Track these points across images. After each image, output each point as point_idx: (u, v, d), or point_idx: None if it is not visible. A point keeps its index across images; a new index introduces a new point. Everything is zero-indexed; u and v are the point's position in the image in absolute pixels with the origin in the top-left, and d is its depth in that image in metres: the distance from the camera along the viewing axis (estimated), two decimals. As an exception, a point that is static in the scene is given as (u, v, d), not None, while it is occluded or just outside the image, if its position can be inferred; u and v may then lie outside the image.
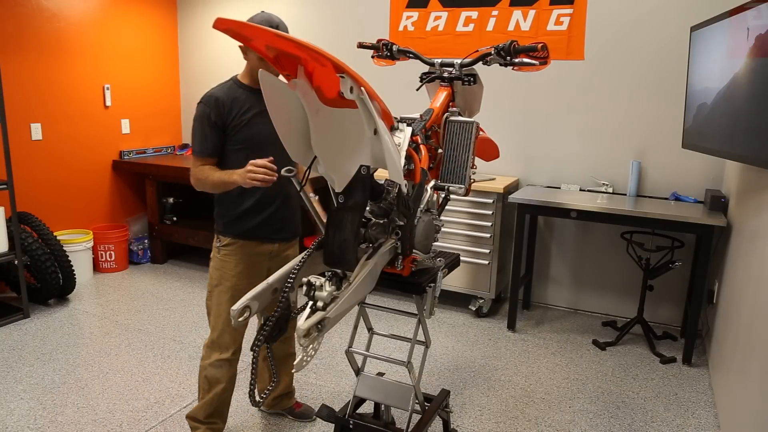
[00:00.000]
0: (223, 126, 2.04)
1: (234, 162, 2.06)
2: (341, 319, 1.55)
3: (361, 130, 1.43)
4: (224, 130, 2.05)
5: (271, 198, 2.15)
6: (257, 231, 2.16)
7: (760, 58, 2.20)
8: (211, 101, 2.02)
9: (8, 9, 3.82)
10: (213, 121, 2.02)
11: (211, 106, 2.02)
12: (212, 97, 2.03)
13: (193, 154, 2.09)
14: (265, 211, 2.15)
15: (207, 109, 2.02)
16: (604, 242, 3.76)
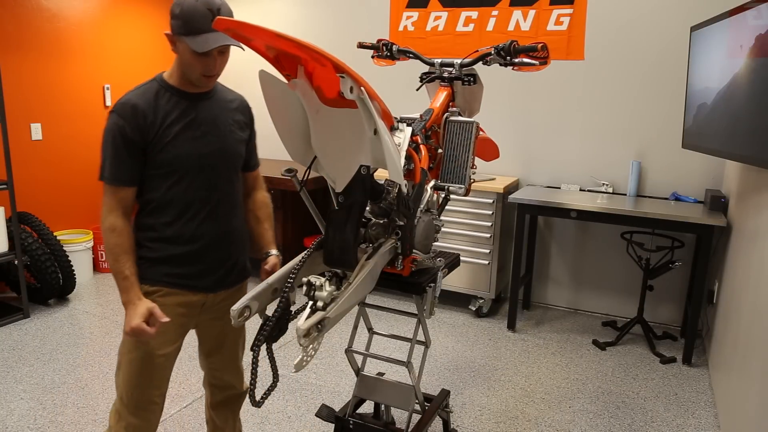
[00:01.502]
0: (143, 144, 1.53)
1: (152, 192, 1.58)
2: (341, 319, 1.55)
3: (361, 130, 1.43)
4: (144, 149, 1.54)
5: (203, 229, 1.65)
6: (190, 277, 1.65)
7: (760, 58, 2.20)
8: (126, 110, 1.51)
9: (8, 9, 3.82)
10: (129, 137, 1.51)
11: (127, 116, 1.51)
12: (127, 105, 1.51)
13: (102, 181, 1.54)
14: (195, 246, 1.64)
15: (121, 121, 1.51)
16: (604, 242, 3.76)
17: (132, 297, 1.53)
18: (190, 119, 1.58)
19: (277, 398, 2.71)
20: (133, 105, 1.53)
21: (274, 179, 3.87)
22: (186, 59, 1.52)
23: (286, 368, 2.93)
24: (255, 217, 1.93)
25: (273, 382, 1.49)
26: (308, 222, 4.21)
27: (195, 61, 1.51)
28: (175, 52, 1.54)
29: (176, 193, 1.59)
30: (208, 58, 1.49)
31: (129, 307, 1.53)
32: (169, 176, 1.57)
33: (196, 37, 1.46)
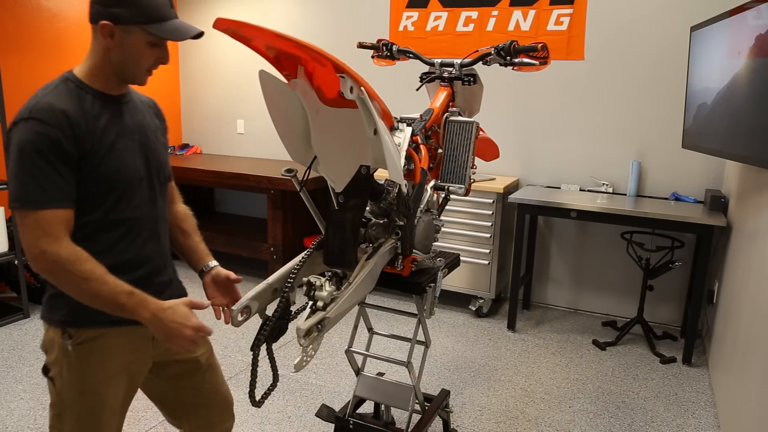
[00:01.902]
0: (77, 157, 1.26)
1: (87, 214, 1.31)
2: (341, 319, 1.55)
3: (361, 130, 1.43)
4: (78, 163, 1.27)
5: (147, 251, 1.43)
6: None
7: (760, 58, 2.20)
8: (53, 116, 1.22)
9: (8, 9, 3.82)
10: (65, 149, 1.23)
11: (56, 124, 1.22)
12: (53, 110, 1.23)
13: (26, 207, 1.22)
14: (140, 271, 1.41)
15: (48, 129, 1.21)
16: (604, 242, 3.76)
17: (155, 304, 1.29)
18: (120, 126, 1.35)
19: (277, 398, 2.71)
20: (61, 110, 1.23)
21: (274, 179, 3.87)
22: (136, 51, 1.29)
23: (286, 368, 2.93)
24: (181, 231, 1.63)
25: (273, 382, 1.49)
26: (308, 222, 4.22)
27: (148, 53, 1.30)
28: (109, 45, 1.28)
29: (118, 212, 1.35)
30: (161, 48, 1.32)
31: (163, 314, 1.28)
32: (109, 194, 1.32)
33: (162, 25, 1.28)
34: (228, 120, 4.96)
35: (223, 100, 4.94)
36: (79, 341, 1.35)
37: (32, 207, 1.22)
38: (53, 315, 1.36)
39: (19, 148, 1.22)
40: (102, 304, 1.26)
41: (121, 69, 1.32)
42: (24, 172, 1.21)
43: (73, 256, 1.24)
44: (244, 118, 4.87)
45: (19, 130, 1.23)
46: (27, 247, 1.23)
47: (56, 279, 1.25)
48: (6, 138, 1.27)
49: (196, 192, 4.94)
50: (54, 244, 1.23)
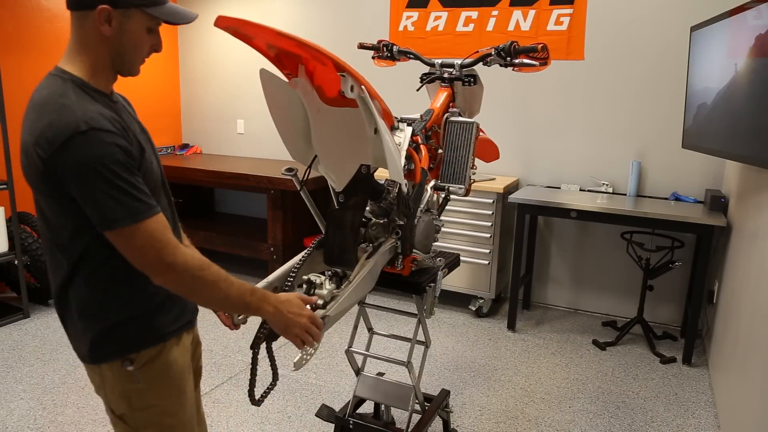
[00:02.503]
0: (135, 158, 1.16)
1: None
2: (341, 317, 1.55)
3: (361, 130, 1.43)
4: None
5: None
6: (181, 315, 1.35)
7: (760, 58, 2.20)
8: (111, 123, 1.11)
9: (8, 9, 3.82)
10: (133, 155, 1.15)
11: (119, 130, 1.12)
12: (106, 117, 1.11)
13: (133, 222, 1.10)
14: None
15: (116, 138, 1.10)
16: (604, 242, 3.76)
17: (274, 297, 1.27)
18: (134, 124, 1.26)
19: (277, 398, 2.71)
20: (110, 116, 1.13)
21: (274, 179, 3.87)
22: (136, 38, 1.18)
23: (286, 368, 2.93)
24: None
25: (272, 381, 1.49)
26: (308, 222, 4.22)
27: (146, 39, 1.20)
28: (107, 33, 1.15)
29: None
30: (155, 35, 1.22)
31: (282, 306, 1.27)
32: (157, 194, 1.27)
33: (161, 7, 1.18)
34: (228, 120, 4.96)
35: (223, 100, 4.94)
36: (143, 363, 1.26)
37: (140, 219, 1.10)
38: (106, 348, 1.24)
39: (92, 164, 1.06)
40: (230, 306, 1.22)
41: (119, 59, 1.19)
42: (113, 187, 1.08)
43: (197, 261, 1.16)
44: (244, 118, 4.87)
45: (79, 146, 1.06)
46: (149, 264, 1.13)
47: (187, 288, 1.16)
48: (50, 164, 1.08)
49: (196, 192, 4.94)
50: (177, 252, 1.13)
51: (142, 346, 1.26)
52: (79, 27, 1.15)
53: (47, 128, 1.07)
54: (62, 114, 1.08)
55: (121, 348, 1.24)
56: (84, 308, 1.23)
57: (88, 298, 1.22)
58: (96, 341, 1.23)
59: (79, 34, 1.16)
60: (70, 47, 1.18)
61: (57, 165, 1.07)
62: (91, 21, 1.14)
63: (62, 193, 1.11)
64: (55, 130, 1.06)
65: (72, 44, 1.17)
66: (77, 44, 1.17)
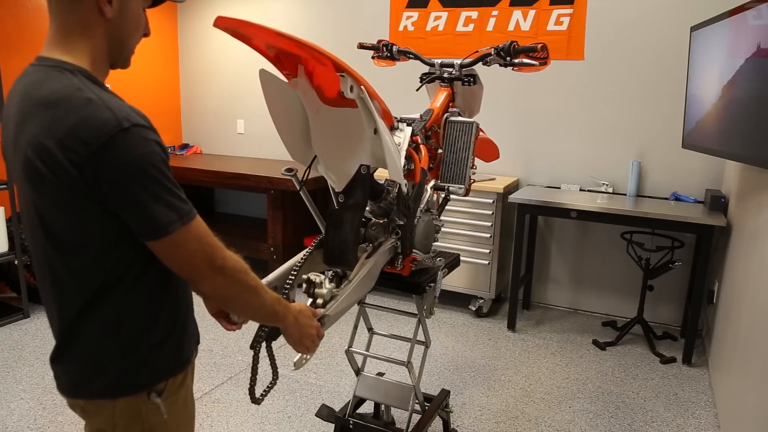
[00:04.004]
0: None
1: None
2: (341, 317, 1.55)
3: (361, 130, 1.43)
4: None
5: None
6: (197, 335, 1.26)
7: (760, 58, 2.20)
8: (146, 119, 1.00)
9: (8, 9, 3.82)
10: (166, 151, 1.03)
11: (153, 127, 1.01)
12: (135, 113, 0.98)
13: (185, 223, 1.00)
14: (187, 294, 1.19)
15: (155, 134, 1.00)
16: (604, 242, 3.76)
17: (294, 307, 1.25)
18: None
19: (277, 398, 2.71)
20: (134, 110, 1.00)
21: (274, 179, 3.87)
22: (137, 18, 1.07)
23: (286, 368, 2.93)
24: None
25: (273, 380, 1.49)
26: (308, 222, 4.21)
27: (141, 17, 1.08)
28: (108, 15, 1.01)
29: None
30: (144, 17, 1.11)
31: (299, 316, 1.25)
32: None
33: None
34: (228, 120, 4.96)
35: (223, 100, 4.94)
36: (170, 393, 1.14)
37: (188, 220, 1.00)
38: (131, 380, 1.09)
39: (142, 164, 0.95)
40: (262, 314, 1.15)
41: (117, 45, 1.06)
42: (162, 189, 0.97)
43: (241, 265, 1.08)
44: (244, 118, 4.87)
45: (124, 145, 0.93)
46: (199, 269, 1.02)
47: (232, 293, 1.08)
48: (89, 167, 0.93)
49: (196, 192, 4.94)
50: (225, 255, 1.05)
51: (174, 372, 1.14)
52: (72, 10, 0.99)
53: (78, 127, 0.92)
54: (94, 110, 0.93)
55: (151, 378, 1.11)
56: (106, 338, 1.07)
57: (114, 326, 1.06)
58: (120, 372, 1.08)
59: (73, 17, 1.00)
60: (61, 33, 1.01)
61: (96, 169, 0.93)
62: (90, 3, 0.99)
63: (92, 203, 0.96)
64: (91, 128, 0.92)
65: (63, 30, 1.01)
66: (70, 30, 1.00)
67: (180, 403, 1.17)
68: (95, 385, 1.10)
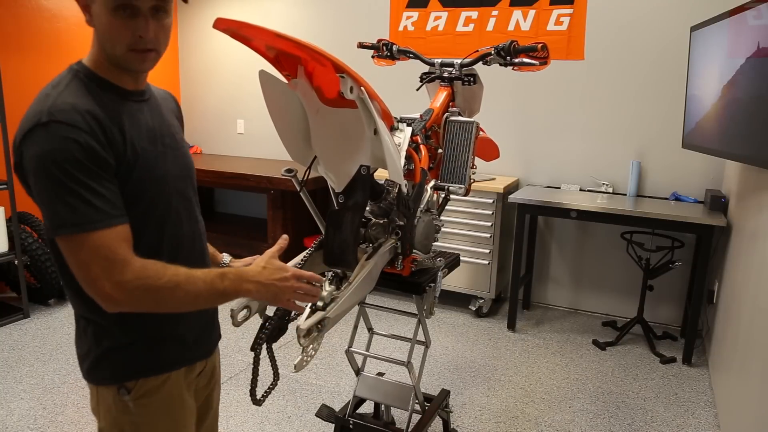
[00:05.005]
0: (114, 164, 1.04)
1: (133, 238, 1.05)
2: (341, 319, 1.55)
3: (361, 130, 1.43)
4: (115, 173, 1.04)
5: None
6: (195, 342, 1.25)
7: (760, 58, 2.20)
8: (81, 118, 0.99)
9: (8, 9, 3.81)
10: (101, 155, 1.00)
11: (88, 128, 0.99)
12: (78, 111, 1.00)
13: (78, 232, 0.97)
14: None
15: (79, 134, 0.98)
16: (604, 242, 3.76)
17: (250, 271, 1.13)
18: (146, 128, 1.12)
19: (277, 398, 2.71)
20: (87, 110, 1.00)
21: (274, 179, 3.87)
22: (105, 24, 1.03)
23: (286, 368, 2.93)
24: None
25: (273, 381, 1.49)
26: (308, 222, 4.22)
27: (119, 25, 1.02)
28: (89, 22, 1.05)
29: (159, 235, 1.14)
30: (135, 19, 1.03)
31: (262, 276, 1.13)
32: (149, 214, 1.11)
33: None
34: (228, 120, 4.96)
35: (223, 100, 4.94)
36: (141, 393, 1.14)
37: (88, 229, 0.96)
38: (102, 372, 1.13)
39: (45, 160, 0.96)
40: (206, 302, 1.08)
41: (105, 52, 1.07)
42: (62, 189, 0.96)
43: (151, 270, 1.02)
44: (244, 118, 4.87)
45: (37, 139, 0.97)
46: (92, 282, 0.98)
47: (146, 303, 1.03)
48: (17, 152, 1.02)
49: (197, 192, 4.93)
50: (127, 269, 0.99)
51: (143, 374, 1.14)
52: None
53: (24, 117, 1.03)
54: (38, 103, 1.02)
55: (120, 374, 1.13)
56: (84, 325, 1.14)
57: (87, 317, 1.12)
58: (96, 360, 1.13)
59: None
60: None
61: (22, 158, 1.01)
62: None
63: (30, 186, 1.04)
64: (25, 119, 1.01)
65: None
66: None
67: (158, 409, 1.16)
68: (82, 368, 1.18)
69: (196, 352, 1.25)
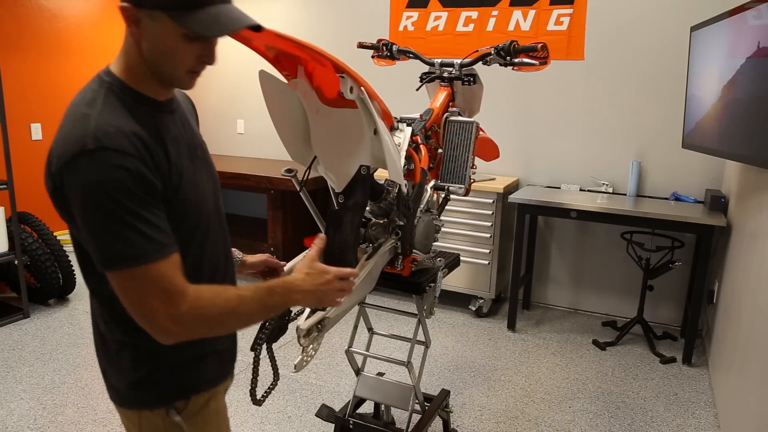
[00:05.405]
0: (162, 188, 0.98)
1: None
2: (341, 319, 1.55)
3: (361, 130, 1.43)
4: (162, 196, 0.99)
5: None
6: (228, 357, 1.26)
7: (760, 58, 2.20)
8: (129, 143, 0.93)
9: (8, 9, 3.81)
10: (150, 180, 0.95)
11: (136, 152, 0.94)
12: (125, 134, 0.94)
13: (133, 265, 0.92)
14: None
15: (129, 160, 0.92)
16: (604, 242, 3.76)
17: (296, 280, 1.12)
18: (181, 142, 1.06)
19: (277, 398, 2.71)
20: (132, 132, 0.94)
21: (274, 179, 3.87)
22: (167, 46, 0.96)
23: (286, 368, 2.93)
24: None
25: (273, 381, 1.49)
26: (308, 222, 4.22)
27: (185, 49, 0.97)
28: (136, 36, 0.97)
29: (200, 255, 1.10)
30: (203, 44, 0.99)
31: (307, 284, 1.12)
32: (192, 234, 1.07)
33: (197, 13, 0.93)
34: (228, 120, 4.96)
35: (223, 100, 4.94)
36: (192, 412, 1.11)
37: (144, 262, 0.92)
38: (146, 395, 1.09)
39: (95, 191, 0.90)
40: (256, 321, 1.07)
41: (153, 67, 0.99)
42: (115, 221, 0.90)
43: (204, 299, 0.98)
44: (244, 118, 4.87)
45: (84, 167, 0.90)
46: (148, 316, 0.94)
47: (201, 332, 1.00)
48: (56, 179, 0.93)
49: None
50: (184, 300, 0.95)
51: (194, 391, 1.11)
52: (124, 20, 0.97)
53: (60, 141, 0.93)
54: (77, 126, 0.93)
55: (170, 395, 1.09)
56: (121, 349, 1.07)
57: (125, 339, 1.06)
58: (137, 384, 1.08)
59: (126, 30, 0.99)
60: (124, 40, 1.01)
61: (64, 185, 0.92)
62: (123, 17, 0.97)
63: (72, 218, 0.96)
64: (65, 144, 0.92)
65: (125, 38, 1.01)
66: (125, 39, 1.00)
67: (207, 422, 1.14)
68: (116, 394, 1.12)
69: (231, 363, 1.24)
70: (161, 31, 0.95)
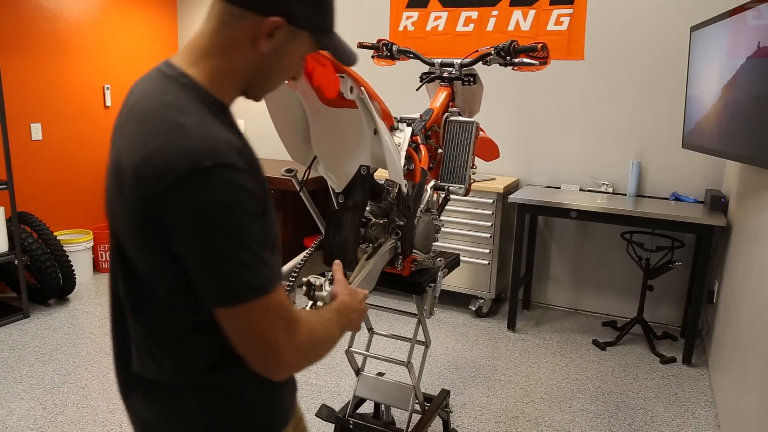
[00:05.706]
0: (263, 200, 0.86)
1: None
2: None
3: (361, 130, 1.43)
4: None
5: None
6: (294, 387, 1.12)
7: (760, 58, 2.20)
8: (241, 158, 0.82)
9: (8, 9, 3.81)
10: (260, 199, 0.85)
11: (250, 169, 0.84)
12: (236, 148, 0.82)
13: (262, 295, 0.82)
14: None
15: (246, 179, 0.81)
16: (604, 242, 3.76)
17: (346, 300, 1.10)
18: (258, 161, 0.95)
19: (277, 398, 2.71)
20: (233, 144, 0.82)
21: (274, 179, 3.87)
22: (291, 62, 0.93)
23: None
24: None
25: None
26: (308, 222, 4.22)
27: (298, 65, 0.96)
28: (263, 48, 0.88)
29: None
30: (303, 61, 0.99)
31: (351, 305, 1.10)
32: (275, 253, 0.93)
33: (332, 38, 0.95)
34: (228, 120, 4.96)
35: (223, 100, 4.94)
36: None
37: (268, 291, 0.83)
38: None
39: (217, 215, 0.78)
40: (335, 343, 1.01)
41: (258, 79, 0.93)
42: (239, 248, 0.80)
43: (313, 325, 0.93)
44: (244, 118, 4.87)
45: (200, 187, 0.77)
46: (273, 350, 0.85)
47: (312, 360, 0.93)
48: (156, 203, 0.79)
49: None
50: (300, 328, 0.89)
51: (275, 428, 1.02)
52: (227, 24, 0.87)
53: (157, 154, 0.79)
54: (179, 138, 0.79)
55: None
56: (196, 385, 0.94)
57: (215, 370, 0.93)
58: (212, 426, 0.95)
59: (224, 33, 0.87)
60: (200, 44, 0.89)
61: (167, 208, 0.79)
62: (249, 26, 0.86)
63: (157, 245, 0.83)
64: (168, 159, 0.78)
65: (204, 41, 0.89)
66: (213, 44, 0.88)
67: None
68: None
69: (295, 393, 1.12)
70: (296, 46, 0.92)
